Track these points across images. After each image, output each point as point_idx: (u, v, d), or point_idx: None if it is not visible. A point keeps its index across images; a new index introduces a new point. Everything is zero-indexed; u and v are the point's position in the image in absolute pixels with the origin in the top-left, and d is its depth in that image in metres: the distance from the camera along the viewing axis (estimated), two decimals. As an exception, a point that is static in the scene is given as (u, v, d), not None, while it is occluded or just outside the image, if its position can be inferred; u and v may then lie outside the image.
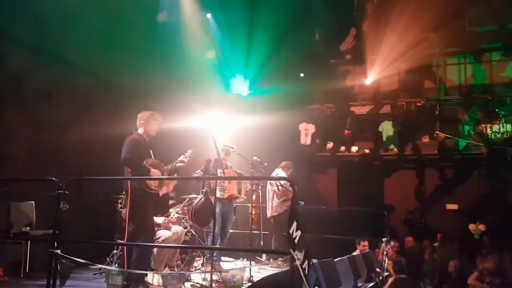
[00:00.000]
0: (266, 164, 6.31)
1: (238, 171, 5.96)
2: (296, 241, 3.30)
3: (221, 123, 8.45)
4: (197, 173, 5.66)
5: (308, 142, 10.07)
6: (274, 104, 9.44)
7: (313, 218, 8.23)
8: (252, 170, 5.63)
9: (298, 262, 3.12)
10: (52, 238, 3.48)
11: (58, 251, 3.42)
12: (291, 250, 3.17)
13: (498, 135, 8.67)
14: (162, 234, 5.05)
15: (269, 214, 6.40)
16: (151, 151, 4.63)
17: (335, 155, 9.99)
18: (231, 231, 6.09)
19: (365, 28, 10.10)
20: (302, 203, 8.60)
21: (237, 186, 5.76)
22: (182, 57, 8.96)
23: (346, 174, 9.74)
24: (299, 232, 3.36)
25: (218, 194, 5.53)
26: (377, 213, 7.77)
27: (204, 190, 5.04)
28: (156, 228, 5.05)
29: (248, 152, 6.17)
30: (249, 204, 6.29)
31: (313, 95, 10.45)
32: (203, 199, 4.97)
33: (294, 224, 3.34)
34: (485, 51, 9.72)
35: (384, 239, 6.70)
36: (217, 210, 5.48)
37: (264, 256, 6.29)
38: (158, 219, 5.21)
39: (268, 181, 6.48)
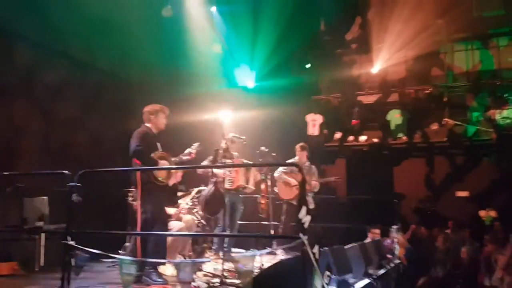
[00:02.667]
0: (274, 154, 6.34)
1: (245, 161, 5.96)
2: (305, 226, 3.31)
3: (228, 117, 8.48)
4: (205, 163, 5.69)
5: (316, 133, 10.02)
6: (280, 95, 9.40)
7: (324, 207, 8.25)
8: (261, 159, 5.64)
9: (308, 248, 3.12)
10: (65, 230, 3.52)
11: (72, 243, 3.45)
12: (300, 234, 3.17)
13: (508, 121, 8.56)
14: (174, 225, 5.11)
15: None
16: (158, 144, 4.66)
17: (343, 145, 9.94)
18: (239, 222, 6.10)
19: (371, 16, 10.00)
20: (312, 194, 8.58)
21: (245, 177, 5.76)
22: (188, 51, 8.99)
23: (355, 164, 9.68)
24: (308, 217, 3.37)
25: (226, 185, 5.55)
26: (387, 202, 7.80)
27: (214, 180, 5.05)
28: (168, 219, 5.10)
29: (256, 144, 6.18)
30: (258, 196, 6.29)
31: (319, 85, 10.39)
32: (213, 188, 4.99)
33: (304, 209, 3.35)
34: (492, 36, 9.55)
35: (394, 227, 6.69)
36: (225, 200, 5.49)
37: (275, 245, 6.30)
38: (170, 210, 5.24)
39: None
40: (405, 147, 9.47)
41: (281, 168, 6.63)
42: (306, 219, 3.38)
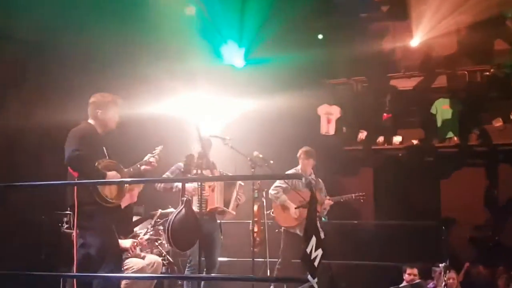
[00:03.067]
0: (272, 162, 6.26)
1: (225, 173, 5.96)
2: (315, 263, 3.32)
3: (208, 107, 8.44)
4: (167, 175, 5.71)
5: (332, 132, 10.02)
6: (281, 79, 9.41)
7: (342, 238, 8.21)
8: (253, 169, 5.58)
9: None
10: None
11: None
12: (309, 276, 3.16)
13: None
14: (132, 263, 5.06)
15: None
16: (104, 148, 4.65)
17: (369, 149, 9.95)
18: (221, 259, 6.05)
19: (409, -34, 10.01)
20: (325, 219, 8.56)
21: (222, 196, 5.72)
22: (152, 16, 8.89)
23: (385, 176, 9.71)
24: (319, 252, 3.38)
25: (195, 207, 5.47)
26: (431, 229, 7.78)
27: (184, 199, 4.98)
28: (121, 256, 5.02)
29: (246, 146, 6.12)
30: (249, 221, 6.25)
31: (336, 65, 10.37)
32: (183, 211, 4.93)
33: (313, 240, 3.34)
34: None
35: (441, 265, 6.68)
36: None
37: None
38: (124, 243, 5.19)
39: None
40: (456, 152, 9.51)
41: (277, 183, 6.61)
42: (317, 254, 3.40)
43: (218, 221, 5.93)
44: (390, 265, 7.23)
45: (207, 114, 8.04)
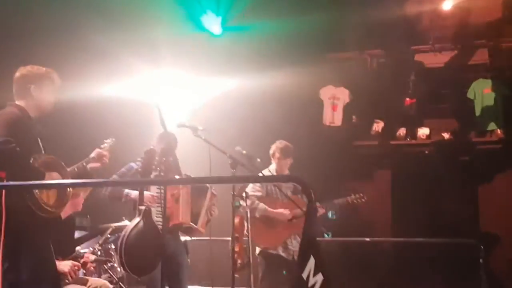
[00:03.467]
0: (259, 160, 6.34)
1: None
2: (315, 292, 3.34)
3: (175, 88, 8.50)
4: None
5: (338, 122, 10.16)
6: (271, 52, 9.51)
7: (350, 259, 8.30)
8: (233, 170, 5.64)
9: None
10: None
11: None
12: None
13: None
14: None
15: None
16: (39, 140, 4.67)
17: (387, 145, 10.06)
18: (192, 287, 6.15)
19: None
20: (329, 235, 8.67)
21: (189, 208, 5.80)
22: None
23: (407, 180, 9.78)
24: (320, 277, 3.39)
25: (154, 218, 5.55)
26: (465, 249, 7.90)
27: (143, 209, 5.05)
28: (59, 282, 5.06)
29: (225, 139, 6.19)
30: (228, 238, 6.32)
31: (345, 34, 10.44)
32: (141, 224, 4.99)
33: (311, 262, 3.37)
34: None
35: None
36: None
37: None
38: (62, 265, 5.21)
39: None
40: (500, 148, 9.62)
41: (251, 190, 6.61)
42: (315, 281, 3.42)
43: (183, 239, 6.04)
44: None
45: (173, 97, 8.13)
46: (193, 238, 6.20)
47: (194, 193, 5.85)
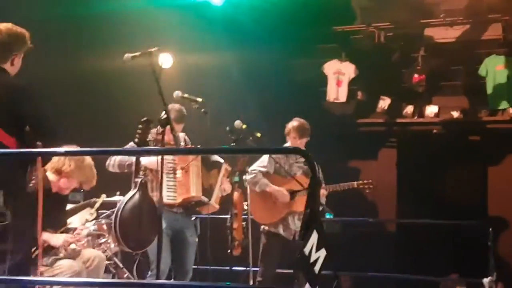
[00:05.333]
0: (259, 135, 6.35)
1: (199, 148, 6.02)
2: (316, 268, 3.34)
3: (173, 58, 8.48)
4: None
5: (343, 98, 10.13)
6: (272, 24, 9.44)
7: (353, 241, 8.33)
8: (233, 144, 5.66)
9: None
10: None
11: None
12: (307, 286, 3.22)
13: None
14: (66, 267, 5.15)
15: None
16: None
17: (393, 123, 10.05)
18: (195, 267, 6.13)
19: None
20: (331, 215, 8.70)
21: (200, 181, 5.79)
22: None
23: (414, 159, 9.79)
24: (322, 253, 3.39)
25: (164, 197, 5.54)
26: (473, 231, 7.92)
27: (138, 181, 5.05)
28: (52, 257, 5.14)
29: (225, 113, 6.20)
30: (226, 216, 6.34)
31: (351, 6, 10.40)
32: (136, 196, 4.99)
33: (314, 237, 3.37)
34: None
35: (486, 280, 6.82)
36: (163, 227, 5.51)
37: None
38: (55, 238, 5.28)
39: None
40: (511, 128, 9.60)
41: (256, 165, 6.65)
42: (318, 256, 3.42)
43: (194, 217, 6.03)
44: (418, 279, 7.35)
45: (171, 69, 8.10)
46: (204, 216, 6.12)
47: (204, 166, 5.84)
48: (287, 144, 6.78)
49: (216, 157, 6.11)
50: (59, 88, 8.00)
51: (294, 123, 6.81)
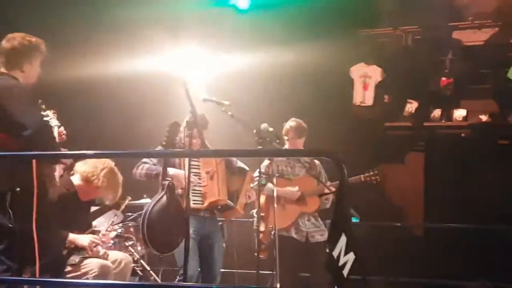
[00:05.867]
0: (286, 137, 6.39)
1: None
2: (345, 272, 3.33)
3: (200, 63, 8.54)
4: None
5: (369, 102, 10.13)
6: (299, 27, 9.48)
7: (379, 244, 8.28)
8: (260, 147, 5.67)
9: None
10: None
11: None
12: None
13: None
14: (91, 266, 5.20)
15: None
16: None
17: (421, 127, 10.01)
18: (223, 270, 6.19)
19: None
20: (357, 219, 8.69)
21: (225, 186, 5.83)
22: None
23: (442, 163, 9.70)
24: (351, 256, 3.38)
25: (191, 202, 5.60)
26: (502, 236, 7.85)
27: (166, 183, 5.09)
28: (78, 256, 5.21)
29: (251, 116, 6.21)
30: (251, 219, 6.36)
31: (378, 9, 10.39)
32: (164, 199, 5.03)
33: (342, 240, 3.36)
34: None
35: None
36: (190, 232, 5.59)
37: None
38: (82, 239, 5.34)
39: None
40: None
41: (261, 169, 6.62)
42: (347, 260, 3.41)
43: (219, 221, 6.10)
44: (445, 284, 7.31)
45: (198, 72, 8.15)
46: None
47: (230, 172, 5.90)
48: (286, 146, 6.73)
49: (241, 164, 6.17)
50: (83, 92, 8.09)
51: (290, 123, 6.77)
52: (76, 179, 5.54)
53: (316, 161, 6.76)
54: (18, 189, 4.37)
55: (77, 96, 8.18)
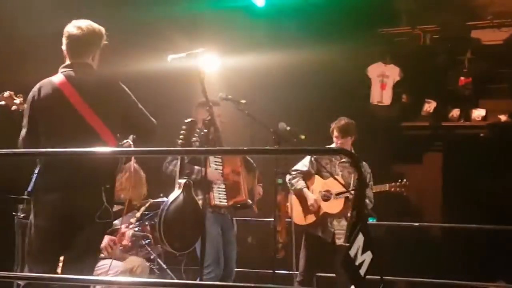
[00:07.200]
0: (303, 137, 6.36)
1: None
2: (362, 271, 3.32)
3: (217, 62, 8.55)
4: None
5: (387, 101, 10.14)
6: (316, 26, 9.49)
7: (398, 246, 8.28)
8: (277, 146, 5.67)
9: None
10: None
11: None
12: None
13: None
14: (107, 266, 5.18)
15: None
16: None
17: (439, 127, 10.00)
18: (237, 269, 6.21)
19: None
20: (374, 219, 8.67)
21: (247, 184, 5.89)
22: None
23: (460, 163, 9.67)
24: (368, 255, 3.37)
25: (216, 199, 5.73)
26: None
27: (183, 182, 5.09)
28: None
29: (269, 116, 6.22)
30: (269, 219, 6.37)
31: (396, 8, 10.38)
32: (181, 197, 5.02)
33: (360, 239, 3.35)
34: None
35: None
36: (208, 226, 5.64)
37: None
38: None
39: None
40: None
41: (298, 166, 6.70)
42: (364, 259, 3.39)
43: (233, 218, 6.14)
44: (463, 285, 7.29)
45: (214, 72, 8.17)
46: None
47: (246, 170, 5.97)
48: (333, 144, 6.75)
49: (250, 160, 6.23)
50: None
51: (338, 122, 6.74)
52: None
53: (363, 163, 6.65)
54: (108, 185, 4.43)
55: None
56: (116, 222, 6.01)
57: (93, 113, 4.39)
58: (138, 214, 6.11)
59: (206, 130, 4.98)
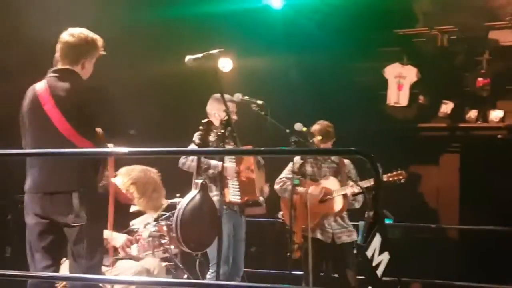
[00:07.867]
0: (320, 138, 6.38)
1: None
2: (379, 272, 3.31)
3: (234, 61, 8.58)
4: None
5: (404, 102, 10.08)
6: (335, 27, 9.46)
7: (415, 247, 8.25)
8: (294, 146, 5.69)
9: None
10: None
11: None
12: None
13: None
14: (124, 268, 5.27)
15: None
16: None
17: (456, 128, 9.94)
18: (246, 270, 6.29)
19: None
20: (391, 221, 8.66)
21: (259, 182, 5.94)
22: None
23: (478, 165, 9.64)
24: (385, 256, 3.35)
25: (230, 196, 5.77)
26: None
27: (199, 182, 5.10)
28: (110, 256, 5.24)
29: (285, 116, 6.22)
30: (281, 219, 6.39)
31: (413, 9, 10.35)
32: (198, 197, 5.02)
33: (377, 240, 3.33)
34: None
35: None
36: (230, 228, 5.85)
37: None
38: (117, 238, 5.42)
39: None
40: None
41: (284, 173, 6.60)
42: (381, 260, 3.37)
43: (244, 216, 6.20)
44: (480, 287, 7.28)
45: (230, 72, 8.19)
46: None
47: (257, 168, 5.98)
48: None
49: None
50: (125, 91, 8.18)
51: (316, 126, 6.60)
52: (118, 182, 5.56)
53: (346, 160, 6.66)
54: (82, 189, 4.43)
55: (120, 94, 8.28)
56: (133, 222, 6.06)
57: (65, 121, 4.43)
58: (155, 215, 6.12)
59: (222, 131, 5.01)
